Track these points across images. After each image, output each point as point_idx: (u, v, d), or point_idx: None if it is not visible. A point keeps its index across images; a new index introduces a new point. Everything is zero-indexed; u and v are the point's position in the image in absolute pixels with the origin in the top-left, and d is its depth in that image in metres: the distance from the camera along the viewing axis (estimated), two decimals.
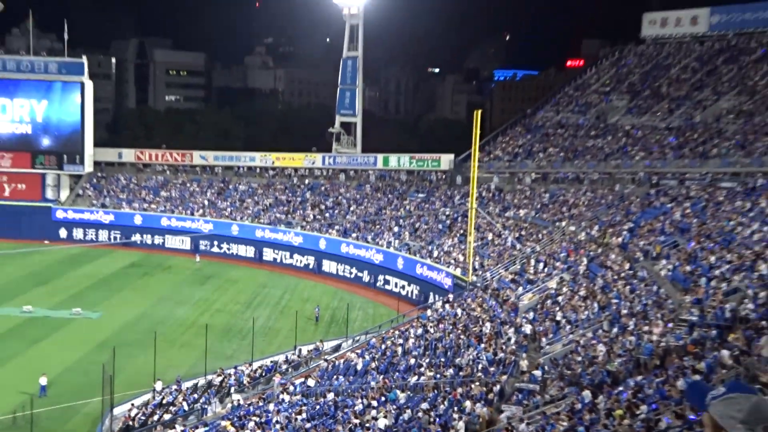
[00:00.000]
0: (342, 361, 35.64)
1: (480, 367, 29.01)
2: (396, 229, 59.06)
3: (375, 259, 56.54)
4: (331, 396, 29.99)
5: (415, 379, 29.85)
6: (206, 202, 69.45)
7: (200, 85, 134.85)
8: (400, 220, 60.36)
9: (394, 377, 30.86)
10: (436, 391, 27.98)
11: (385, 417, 25.36)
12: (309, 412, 28.04)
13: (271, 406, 29.63)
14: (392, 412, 25.97)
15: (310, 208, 66.19)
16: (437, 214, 59.44)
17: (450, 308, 40.14)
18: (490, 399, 25.67)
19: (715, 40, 67.01)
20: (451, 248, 52.68)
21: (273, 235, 63.64)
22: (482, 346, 31.51)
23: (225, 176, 73.20)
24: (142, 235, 67.26)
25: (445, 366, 30.38)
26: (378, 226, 60.63)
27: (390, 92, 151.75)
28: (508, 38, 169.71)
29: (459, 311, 38.96)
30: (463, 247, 50.61)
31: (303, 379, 33.66)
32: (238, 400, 32.17)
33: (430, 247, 54.09)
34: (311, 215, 64.93)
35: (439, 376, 29.49)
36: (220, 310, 49.51)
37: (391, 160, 68.51)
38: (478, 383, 27.15)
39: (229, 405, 32.17)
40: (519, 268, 44.28)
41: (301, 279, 58.89)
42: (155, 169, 74.56)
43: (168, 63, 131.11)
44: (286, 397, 30.95)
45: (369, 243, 58.04)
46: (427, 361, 31.82)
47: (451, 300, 42.14)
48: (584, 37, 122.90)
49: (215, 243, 65.21)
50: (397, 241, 56.97)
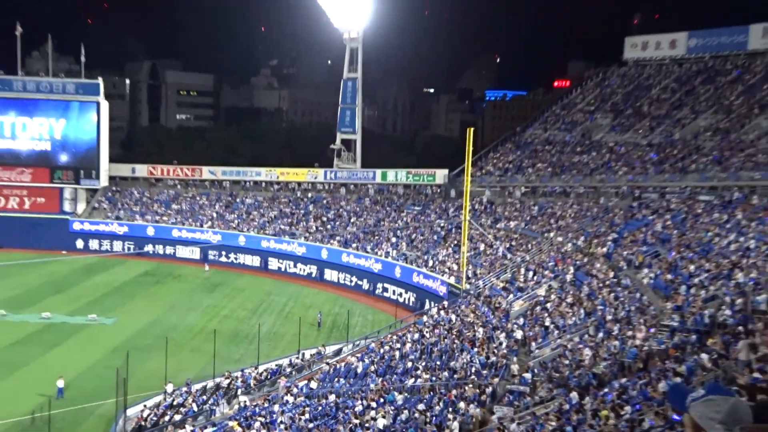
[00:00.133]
0: (343, 365, 35.50)
1: (473, 370, 28.94)
2: (394, 240, 59.03)
3: (374, 268, 56.48)
4: (332, 397, 29.85)
5: (412, 381, 29.74)
6: (215, 215, 69.43)
7: (209, 104, 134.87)
8: (398, 232, 60.32)
9: (392, 380, 30.74)
10: (432, 393, 27.88)
11: (384, 417, 25.27)
12: (312, 413, 27.92)
13: (276, 407, 29.49)
14: (390, 412, 25.88)
15: (313, 219, 66.16)
16: (432, 225, 59.43)
17: (445, 314, 40.03)
18: (482, 400, 25.62)
19: (693, 62, 67.27)
20: (446, 258, 52.64)
21: (278, 246, 63.59)
22: (475, 350, 31.44)
23: (232, 190, 73.22)
24: (155, 245, 67.24)
25: (441, 369, 30.28)
26: (377, 237, 60.59)
27: (388, 111, 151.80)
28: (498, 60, 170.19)
29: (453, 317, 38.85)
30: (457, 256, 50.60)
31: (306, 382, 33.50)
32: (245, 402, 32.00)
33: (426, 257, 54.05)
34: (314, 227, 64.89)
35: (434, 379, 29.40)
36: (227, 317, 49.37)
37: (389, 175, 68.57)
38: (471, 385, 27.07)
39: (236, 406, 32.00)
40: (510, 276, 44.23)
41: (304, 287, 58.78)
42: (167, 184, 74.62)
43: (179, 84, 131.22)
44: (290, 399, 30.82)
45: (368, 253, 58.00)
46: (424, 364, 31.70)
47: (445, 307, 42.01)
48: (570, 60, 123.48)
49: (223, 253, 65.17)
50: (395, 251, 56.94)
